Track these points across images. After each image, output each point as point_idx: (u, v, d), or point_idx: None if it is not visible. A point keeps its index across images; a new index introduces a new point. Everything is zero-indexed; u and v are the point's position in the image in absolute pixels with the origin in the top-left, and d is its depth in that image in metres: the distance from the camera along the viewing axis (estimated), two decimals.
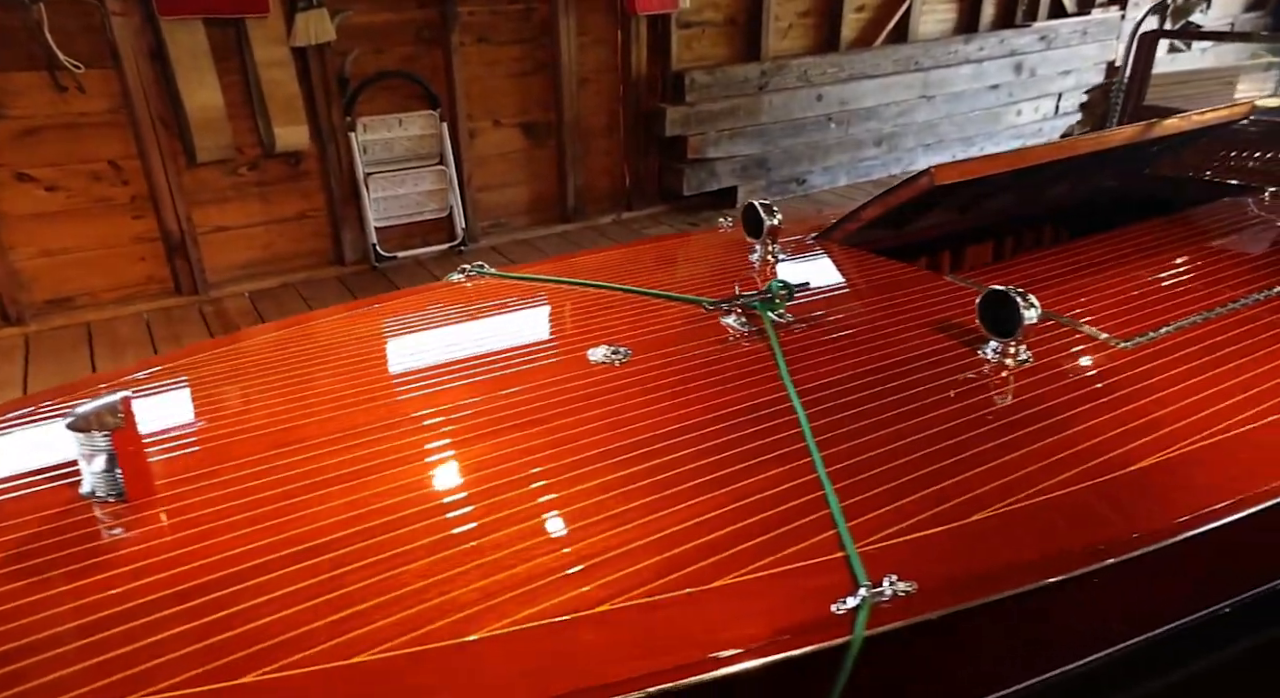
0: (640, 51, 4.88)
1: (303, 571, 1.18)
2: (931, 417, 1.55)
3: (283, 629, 1.08)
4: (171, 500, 1.35)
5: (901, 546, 1.25)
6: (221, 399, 1.74)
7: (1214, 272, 2.23)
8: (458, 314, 2.12)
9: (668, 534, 1.25)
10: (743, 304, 1.98)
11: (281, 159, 4.04)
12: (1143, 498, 1.40)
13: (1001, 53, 6.24)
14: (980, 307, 1.80)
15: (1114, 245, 2.46)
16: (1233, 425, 1.57)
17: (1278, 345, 1.83)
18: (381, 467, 1.42)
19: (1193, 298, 2.07)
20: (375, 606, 1.12)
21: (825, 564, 1.21)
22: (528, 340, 1.91)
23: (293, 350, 1.97)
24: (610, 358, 1.79)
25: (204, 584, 1.16)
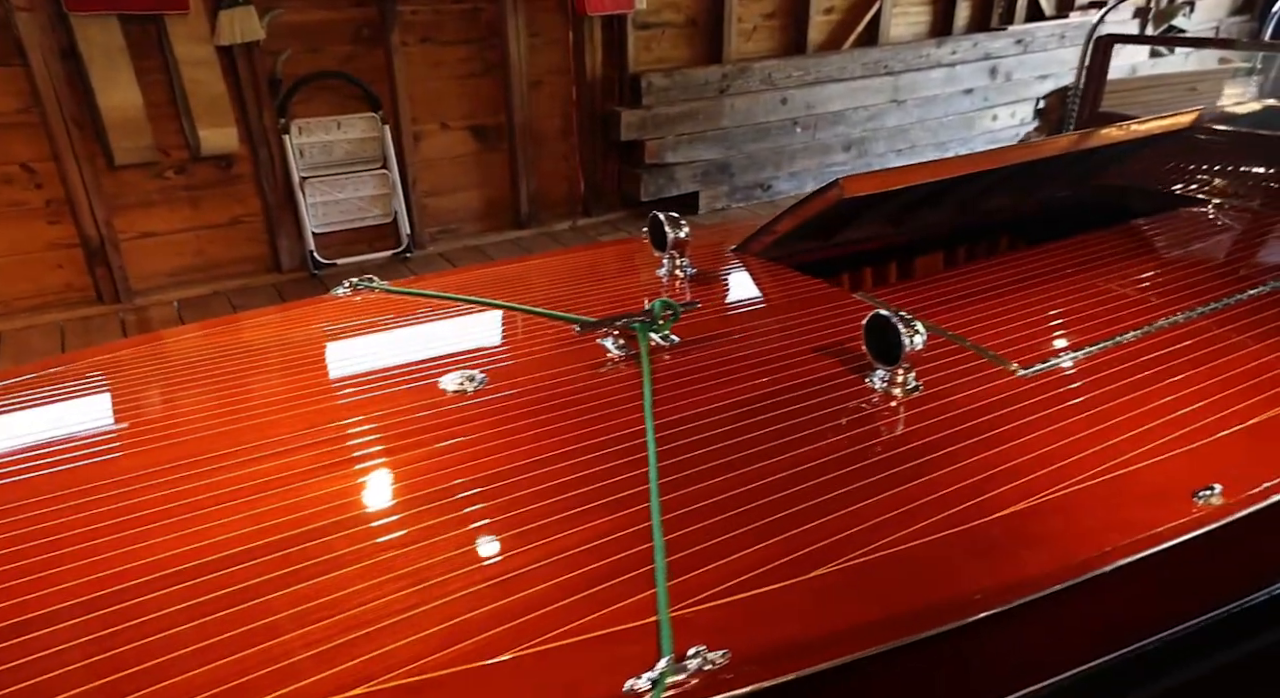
0: (595, 53, 4.71)
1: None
2: (800, 454, 1.40)
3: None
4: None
5: (725, 607, 1.08)
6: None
7: (1140, 291, 2.08)
8: (323, 334, 1.96)
9: (463, 596, 1.08)
10: (620, 325, 1.81)
11: (211, 162, 3.86)
12: (1006, 549, 1.24)
13: (975, 56, 6.07)
14: (865, 331, 1.65)
15: (1046, 260, 2.31)
16: (1118, 465, 1.41)
17: (1185, 374, 1.68)
18: (148, 519, 1.24)
19: (1110, 319, 1.92)
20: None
21: (635, 631, 1.04)
22: (383, 364, 1.74)
23: (144, 369, 1.80)
24: (462, 386, 1.63)
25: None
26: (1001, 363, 1.70)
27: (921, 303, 2.02)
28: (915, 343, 1.58)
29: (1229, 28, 7.99)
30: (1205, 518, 1.30)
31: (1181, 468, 1.40)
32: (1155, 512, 1.31)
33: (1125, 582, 1.28)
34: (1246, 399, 1.59)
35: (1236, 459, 1.44)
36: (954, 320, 1.91)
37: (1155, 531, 1.28)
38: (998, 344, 1.79)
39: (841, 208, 2.23)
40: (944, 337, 1.82)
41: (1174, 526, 1.29)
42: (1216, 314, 1.93)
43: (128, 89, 3.46)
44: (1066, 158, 2.65)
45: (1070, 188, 3.10)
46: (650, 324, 1.80)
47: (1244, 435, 1.50)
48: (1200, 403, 1.57)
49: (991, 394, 1.60)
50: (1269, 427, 1.52)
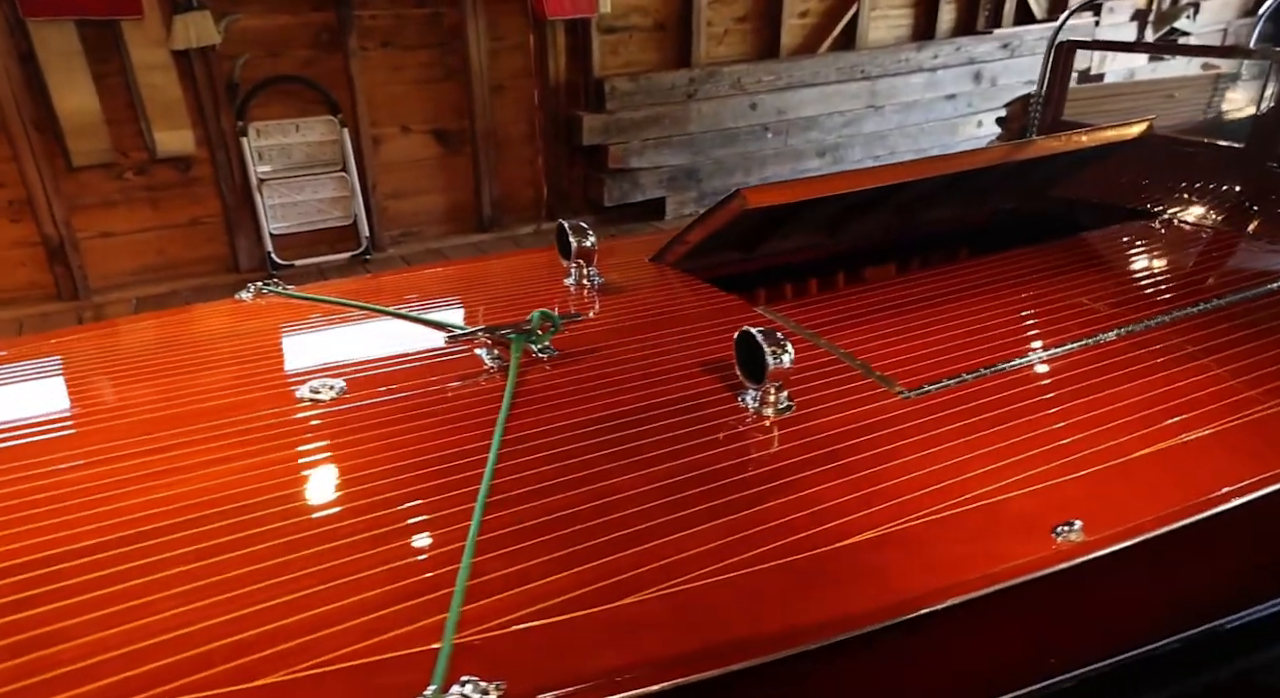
0: (559, 57, 4.73)
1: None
2: (645, 474, 1.36)
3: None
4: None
5: (516, 636, 1.05)
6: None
7: (1056, 311, 1.99)
8: (205, 338, 1.97)
9: (246, 615, 1.07)
10: (493, 336, 1.81)
11: (170, 164, 3.95)
12: (837, 581, 1.18)
13: (959, 61, 5.99)
14: (735, 349, 1.60)
15: (972, 275, 2.24)
16: (980, 497, 1.35)
17: (1075, 402, 1.61)
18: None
19: (1015, 340, 1.85)
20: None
21: (412, 658, 1.02)
22: (250, 370, 1.75)
23: (24, 369, 1.85)
24: (318, 393, 1.62)
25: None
26: (886, 384, 1.64)
27: (828, 318, 1.97)
28: (783, 362, 1.52)
29: (1237, 30, 7.76)
30: (1061, 555, 1.22)
31: (1046, 502, 1.32)
32: (1009, 546, 1.24)
33: (969, 621, 1.21)
34: (1133, 431, 1.50)
35: (1106, 495, 1.35)
36: (854, 337, 1.85)
37: (1004, 566, 1.20)
38: (890, 363, 1.73)
39: (748, 219, 2.19)
40: (835, 354, 1.76)
41: (1026, 562, 1.21)
42: (1131, 337, 1.83)
43: (84, 92, 3.57)
44: (1005, 168, 2.56)
45: (1023, 199, 3.00)
46: (526, 335, 1.78)
47: (1120, 470, 1.41)
48: (1083, 433, 1.49)
49: (868, 417, 1.54)
50: (1148, 462, 1.43)
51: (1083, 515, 1.28)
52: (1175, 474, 1.41)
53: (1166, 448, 1.46)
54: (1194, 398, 1.60)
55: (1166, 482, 1.39)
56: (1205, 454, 1.46)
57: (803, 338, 1.84)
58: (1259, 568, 1.70)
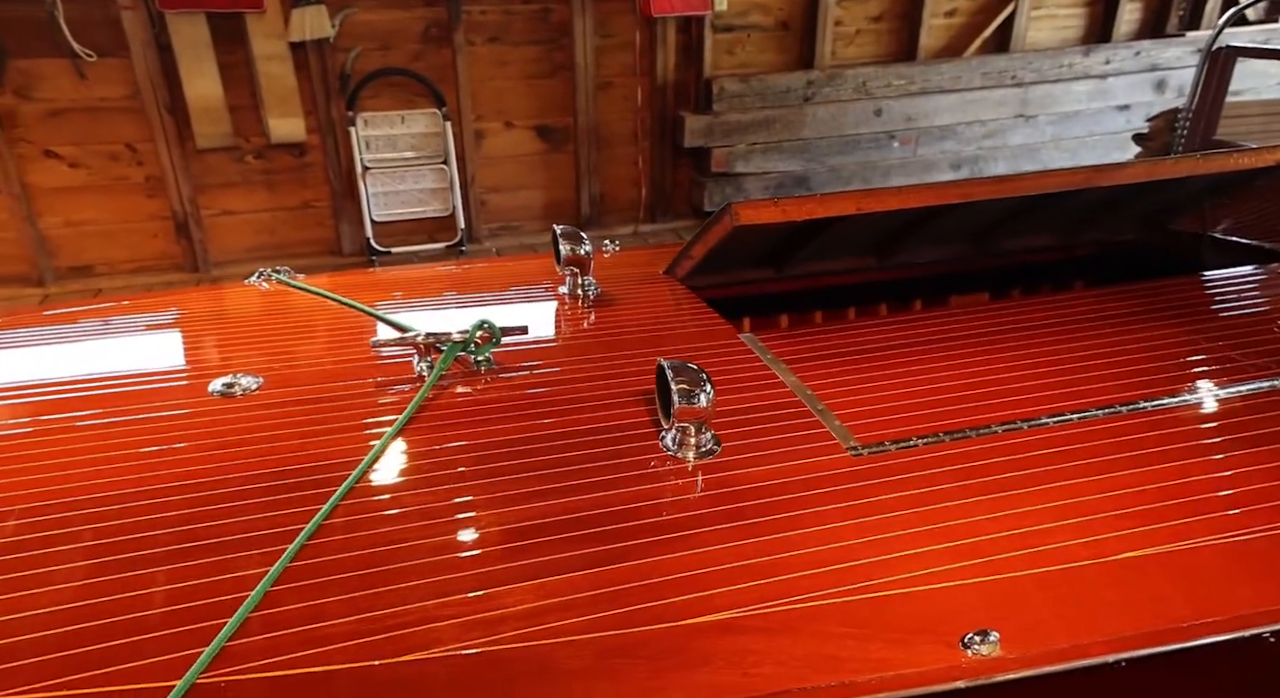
0: (668, 56, 4.48)
1: None
2: (520, 510, 1.20)
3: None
4: None
5: (271, 683, 0.92)
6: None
7: (1092, 367, 1.61)
8: (187, 320, 1.95)
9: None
10: (426, 343, 1.66)
11: (285, 150, 4.13)
12: (657, 667, 0.98)
13: (1138, 67, 5.10)
14: (656, 381, 1.40)
15: (1009, 316, 1.85)
16: (890, 585, 1.09)
17: (1044, 485, 1.28)
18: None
19: (1022, 400, 1.50)
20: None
21: (145, 692, 0.90)
22: (186, 360, 1.72)
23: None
24: (229, 389, 1.54)
25: None
26: (840, 437, 1.39)
27: (818, 353, 1.69)
28: (698, 401, 1.32)
29: None
30: (963, 670, 0.97)
31: (966, 604, 1.06)
32: (900, 651, 1.00)
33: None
34: (1111, 530, 1.17)
35: (1046, 605, 1.07)
36: (835, 378, 1.59)
37: (882, 675, 0.97)
38: (858, 413, 1.46)
39: (745, 235, 1.92)
40: (799, 397, 1.52)
41: (916, 672, 0.97)
42: (1160, 412, 1.45)
43: (210, 80, 3.78)
44: (1094, 193, 2.09)
45: (1136, 230, 2.48)
46: (460, 345, 1.67)
47: (1078, 575, 1.11)
48: (1037, 526, 1.18)
49: (801, 472, 1.30)
50: (1102, 572, 1.11)
51: (1003, 627, 1.01)
52: (1136, 592, 1.09)
53: (1150, 555, 1.13)
54: (1203, 499, 1.23)
55: (1128, 600, 1.08)
56: (1198, 570, 1.12)
57: (774, 374, 1.59)
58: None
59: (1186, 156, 2.03)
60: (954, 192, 2.00)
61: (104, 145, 3.88)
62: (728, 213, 1.86)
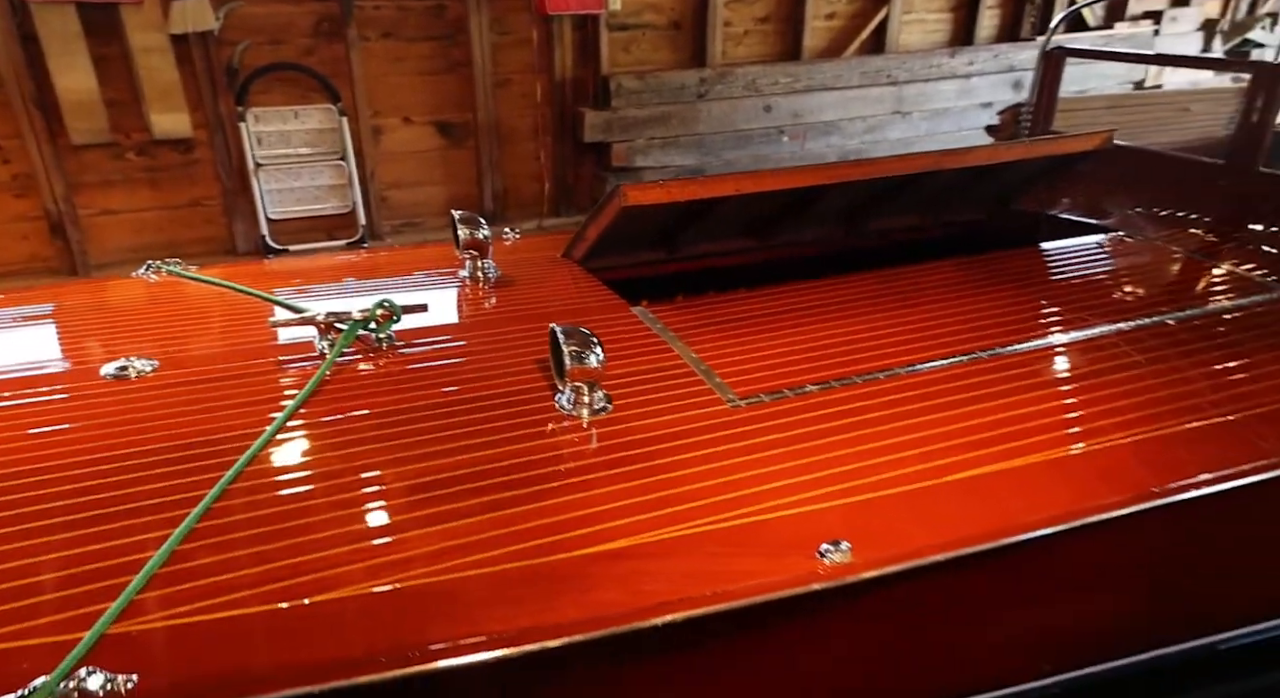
0: (565, 53, 4.52)
1: None
2: (425, 466, 1.28)
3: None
4: None
5: (183, 629, 0.96)
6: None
7: (936, 326, 1.81)
8: (82, 309, 1.91)
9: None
10: (327, 321, 1.67)
11: (170, 146, 3.91)
12: (553, 590, 1.08)
13: (997, 68, 5.50)
14: (550, 345, 1.49)
15: (867, 286, 2.03)
16: (761, 510, 1.22)
17: (898, 423, 1.45)
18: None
19: (877, 355, 1.67)
20: None
21: (47, 647, 0.92)
22: (80, 346, 1.68)
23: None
24: (122, 371, 1.54)
25: None
26: (721, 392, 1.51)
27: (702, 322, 1.82)
28: (588, 362, 1.42)
29: None
30: (819, 575, 1.11)
31: (822, 522, 1.20)
32: (768, 563, 1.12)
33: (695, 640, 1.12)
34: (948, 456, 1.33)
35: (887, 518, 1.22)
36: (716, 343, 1.72)
37: (751, 582, 1.09)
38: (736, 372, 1.59)
39: (634, 216, 2.01)
40: (685, 359, 1.64)
41: (780, 579, 1.10)
42: (997, 359, 1.64)
43: (83, 73, 3.54)
44: (945, 176, 2.31)
45: (985, 211, 2.72)
46: (361, 323, 1.68)
47: (918, 495, 1.27)
48: (887, 456, 1.34)
49: (686, 423, 1.42)
50: (949, 489, 1.28)
51: (855, 538, 1.15)
52: (976, 504, 1.25)
53: (981, 475, 1.30)
54: (1031, 426, 1.42)
55: (962, 511, 1.24)
56: (1020, 484, 1.30)
57: (662, 341, 1.71)
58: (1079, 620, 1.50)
59: (1019, 142, 2.27)
60: (822, 174, 2.18)
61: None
62: (617, 194, 1.96)
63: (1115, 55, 4.29)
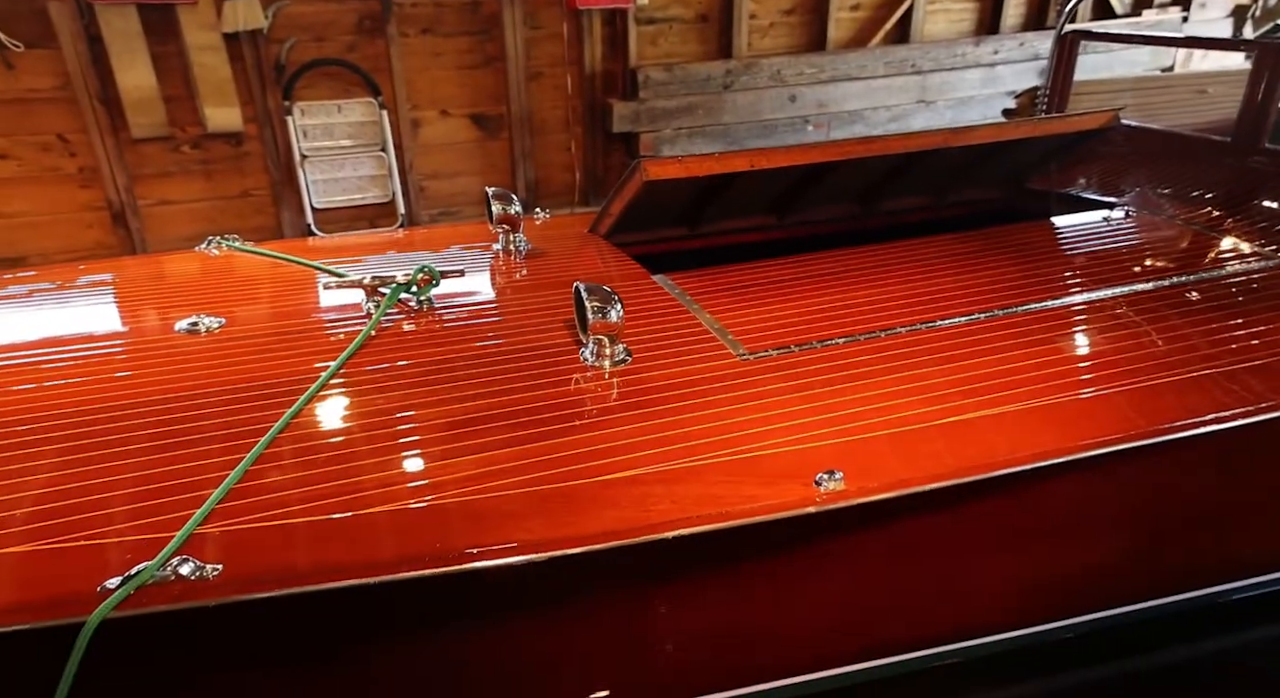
0: (594, 47, 4.62)
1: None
2: (462, 406, 1.43)
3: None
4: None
5: (263, 531, 1.12)
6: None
7: (939, 291, 1.91)
8: (154, 277, 2.09)
9: (49, 492, 1.17)
10: (372, 284, 1.81)
11: (222, 139, 4.11)
12: (575, 510, 1.20)
13: (1023, 57, 5.49)
14: (574, 303, 1.63)
15: (879, 255, 2.13)
16: (763, 447, 1.33)
17: (892, 376, 1.55)
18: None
19: (880, 316, 1.78)
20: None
21: (146, 543, 1.09)
22: (156, 306, 1.85)
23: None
24: (194, 327, 1.71)
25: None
26: (732, 347, 1.64)
27: (717, 288, 1.94)
28: (609, 317, 1.55)
29: None
30: (814, 501, 1.23)
31: (821, 455, 1.31)
32: (767, 489, 1.24)
33: (700, 556, 1.24)
34: (929, 405, 1.44)
35: (878, 453, 1.33)
36: (729, 306, 1.83)
37: (750, 506, 1.20)
38: (747, 330, 1.71)
39: (653, 190, 2.12)
40: (700, 320, 1.77)
41: (778, 503, 1.22)
42: (979, 322, 1.73)
43: (143, 70, 3.74)
44: (953, 153, 2.39)
45: (997, 189, 2.78)
46: (404, 286, 1.82)
47: (901, 434, 1.37)
48: (883, 402, 1.45)
49: (698, 373, 1.55)
50: (930, 430, 1.38)
51: (848, 469, 1.26)
52: (964, 444, 1.35)
53: (968, 420, 1.40)
54: (1025, 377, 1.52)
55: (950, 449, 1.34)
56: (1008, 427, 1.39)
57: (680, 305, 1.83)
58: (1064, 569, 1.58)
59: (1026, 121, 2.35)
60: (833, 150, 2.27)
61: (34, 136, 3.80)
62: (639, 169, 2.07)
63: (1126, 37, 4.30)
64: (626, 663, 1.36)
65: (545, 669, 1.31)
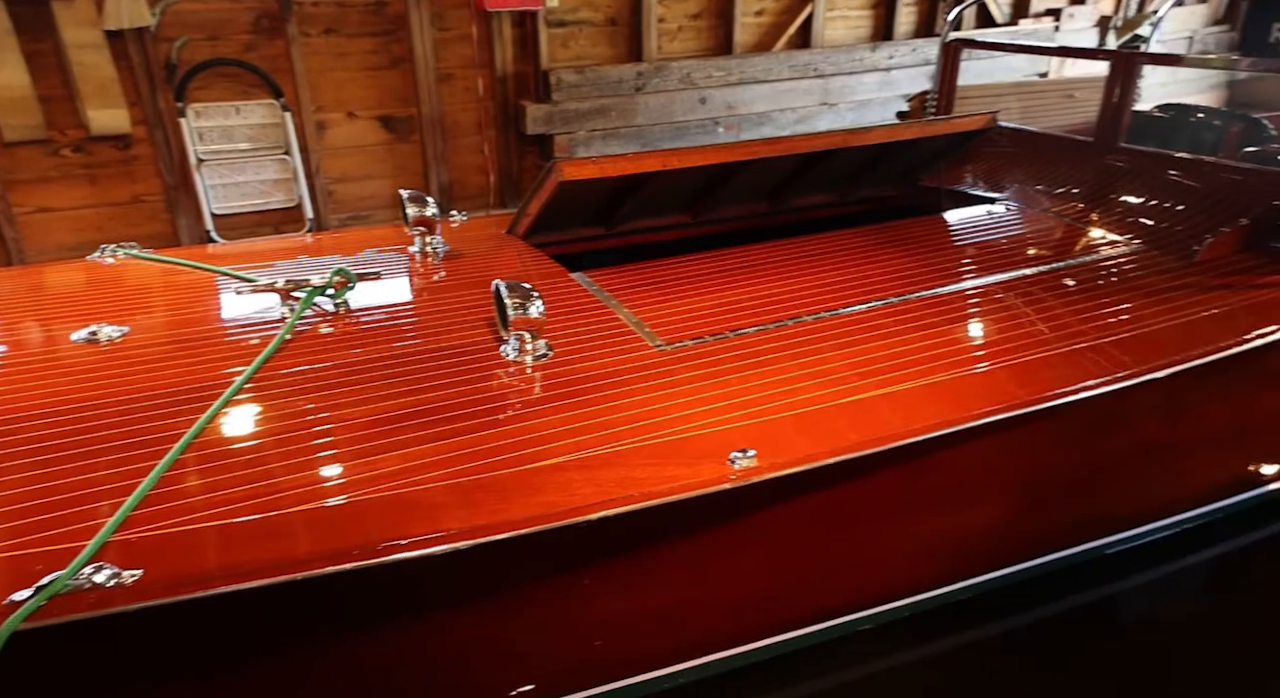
0: (505, 49, 4.58)
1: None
2: (386, 406, 1.40)
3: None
4: None
5: (180, 536, 1.08)
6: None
7: (838, 282, 2.00)
8: (52, 288, 1.97)
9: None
10: (286, 288, 1.75)
11: (108, 142, 3.85)
12: (503, 499, 1.21)
13: (914, 61, 5.79)
14: (494, 301, 1.64)
15: (787, 250, 2.23)
16: (679, 431, 1.37)
17: (798, 361, 1.63)
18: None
19: (789, 305, 1.86)
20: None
21: (59, 553, 1.04)
22: (50, 317, 1.75)
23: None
24: (93, 337, 1.62)
25: None
26: (649, 339, 1.68)
27: (636, 284, 1.97)
28: (529, 312, 1.56)
29: (1204, 38, 7.51)
30: (728, 478, 1.28)
31: (735, 436, 1.37)
32: (685, 470, 1.28)
33: (625, 535, 1.26)
34: (832, 386, 1.53)
35: (788, 432, 1.40)
36: (647, 300, 1.87)
37: (670, 485, 1.23)
38: (663, 322, 1.75)
39: (572, 191, 2.15)
40: (619, 315, 1.80)
41: (695, 481, 1.26)
42: (876, 310, 1.85)
43: (15, 70, 3.46)
44: (851, 152, 2.53)
45: (889, 186, 2.95)
46: (318, 290, 1.77)
47: (807, 414, 1.45)
48: (791, 385, 1.53)
49: (617, 364, 1.58)
50: (833, 409, 1.47)
51: (761, 447, 1.31)
52: (865, 420, 1.44)
53: (868, 398, 1.49)
54: (919, 358, 1.63)
55: (851, 425, 1.43)
56: (905, 404, 1.49)
57: (598, 300, 1.87)
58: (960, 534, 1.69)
59: (914, 122, 2.52)
60: (740, 150, 2.36)
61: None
62: (554, 170, 2.09)
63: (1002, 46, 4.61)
64: (560, 647, 1.38)
65: (478, 658, 1.33)
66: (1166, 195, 2.39)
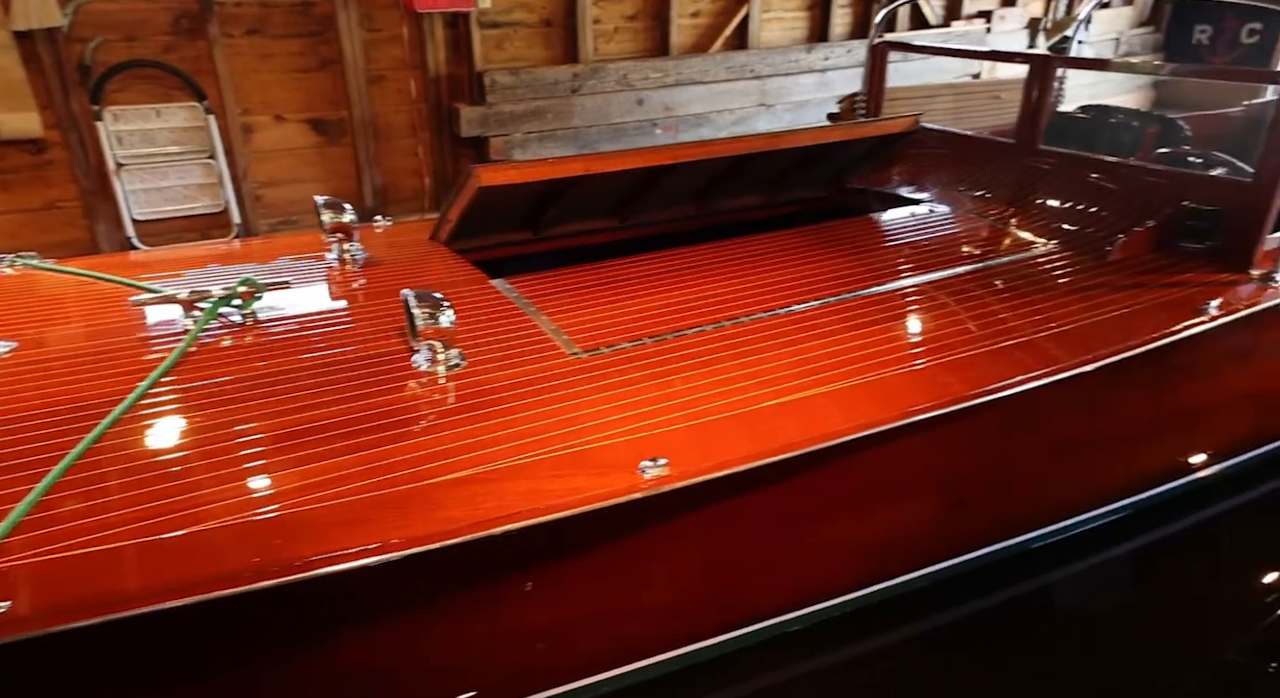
0: (438, 50, 4.54)
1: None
2: (285, 420, 1.36)
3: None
4: None
5: (54, 563, 1.04)
6: None
7: (765, 285, 2.01)
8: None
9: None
10: (190, 299, 1.72)
11: (20, 146, 3.72)
12: (425, 508, 1.18)
13: (850, 63, 5.88)
14: (405, 310, 1.60)
15: (712, 253, 2.22)
16: (589, 441, 1.36)
17: (719, 366, 1.62)
18: None
19: (708, 310, 1.85)
20: None
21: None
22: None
23: None
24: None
25: None
26: (566, 346, 1.65)
27: (557, 290, 1.95)
28: (438, 321, 1.53)
29: (1130, 40, 7.76)
30: (639, 487, 1.26)
31: (645, 445, 1.35)
32: (595, 480, 1.26)
33: (531, 549, 1.24)
34: (737, 395, 1.51)
35: (696, 441, 1.38)
36: (567, 307, 1.84)
37: (579, 497, 1.22)
38: (582, 329, 1.72)
39: (487, 197, 2.13)
40: (536, 321, 1.77)
41: (605, 492, 1.24)
42: (794, 314, 1.85)
43: None
44: (779, 155, 2.54)
45: (821, 188, 2.98)
46: (223, 300, 1.73)
47: (714, 423, 1.43)
48: (698, 394, 1.51)
49: (532, 373, 1.55)
50: (736, 419, 1.46)
51: (671, 456, 1.29)
52: (790, 422, 1.43)
53: (794, 400, 1.48)
54: (849, 358, 1.63)
55: (775, 428, 1.42)
56: (835, 403, 1.49)
57: (517, 308, 1.84)
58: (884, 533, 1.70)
59: (841, 125, 2.54)
60: (666, 154, 2.35)
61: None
62: (472, 176, 2.07)
63: (930, 49, 4.71)
64: (493, 656, 1.37)
65: (407, 671, 1.30)
66: (1082, 196, 2.45)
